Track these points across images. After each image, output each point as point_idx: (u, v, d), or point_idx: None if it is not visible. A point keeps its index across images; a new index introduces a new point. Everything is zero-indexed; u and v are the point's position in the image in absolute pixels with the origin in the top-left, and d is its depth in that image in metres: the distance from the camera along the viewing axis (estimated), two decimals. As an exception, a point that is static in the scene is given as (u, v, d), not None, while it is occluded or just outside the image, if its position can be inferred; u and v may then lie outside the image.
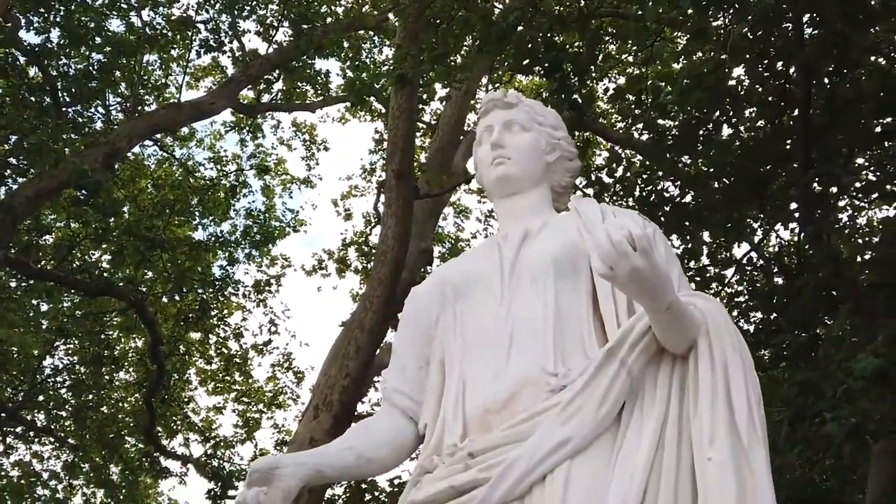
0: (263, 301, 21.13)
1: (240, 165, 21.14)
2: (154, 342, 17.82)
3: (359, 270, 20.61)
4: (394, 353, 3.60)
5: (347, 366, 11.67)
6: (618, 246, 2.63)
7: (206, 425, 22.01)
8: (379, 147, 20.88)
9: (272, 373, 21.87)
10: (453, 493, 2.94)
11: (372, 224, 20.24)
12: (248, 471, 3.00)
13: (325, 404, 11.48)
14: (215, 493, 20.35)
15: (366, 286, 18.85)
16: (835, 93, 10.16)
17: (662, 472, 2.76)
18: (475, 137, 4.02)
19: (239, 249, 20.37)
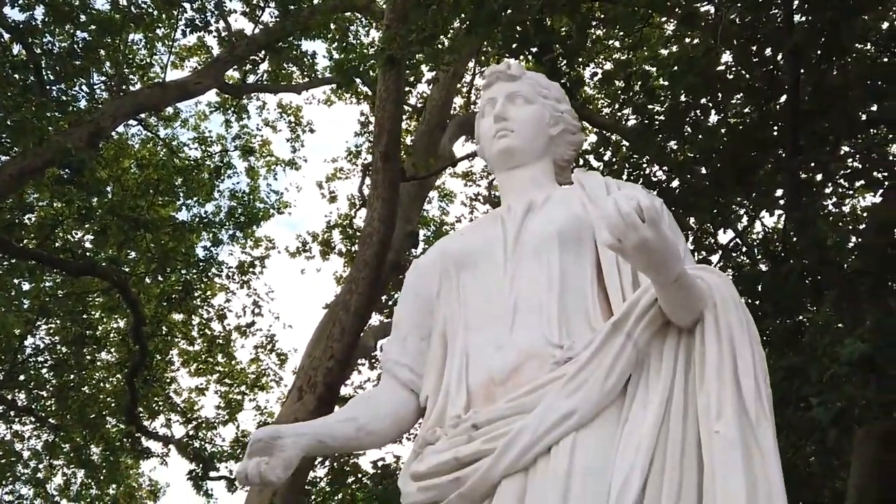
0: (247, 282, 21.07)
1: (224, 146, 21.04)
2: (137, 322, 17.75)
3: (343, 253, 20.55)
4: (394, 325, 3.61)
5: (332, 347, 11.64)
6: (626, 217, 2.63)
7: (188, 406, 21.93)
8: (364, 130, 20.81)
9: (255, 354, 21.88)
10: (457, 465, 2.95)
11: (357, 207, 20.18)
12: (249, 441, 3.00)
13: (310, 386, 11.46)
14: (197, 474, 20.39)
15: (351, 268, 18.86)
16: (823, 80, 10.17)
17: (668, 445, 2.77)
18: (463, 120, 4.00)
19: (223, 230, 20.28)
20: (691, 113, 10.60)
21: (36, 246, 17.39)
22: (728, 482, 2.63)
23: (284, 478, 2.98)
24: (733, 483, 2.62)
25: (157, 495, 23.89)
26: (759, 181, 10.85)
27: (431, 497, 3.02)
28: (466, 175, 20.91)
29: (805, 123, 9.91)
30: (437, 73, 15.22)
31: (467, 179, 20.94)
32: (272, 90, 20.81)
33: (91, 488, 22.37)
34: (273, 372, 21.91)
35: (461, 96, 19.03)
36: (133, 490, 23.44)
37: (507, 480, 2.86)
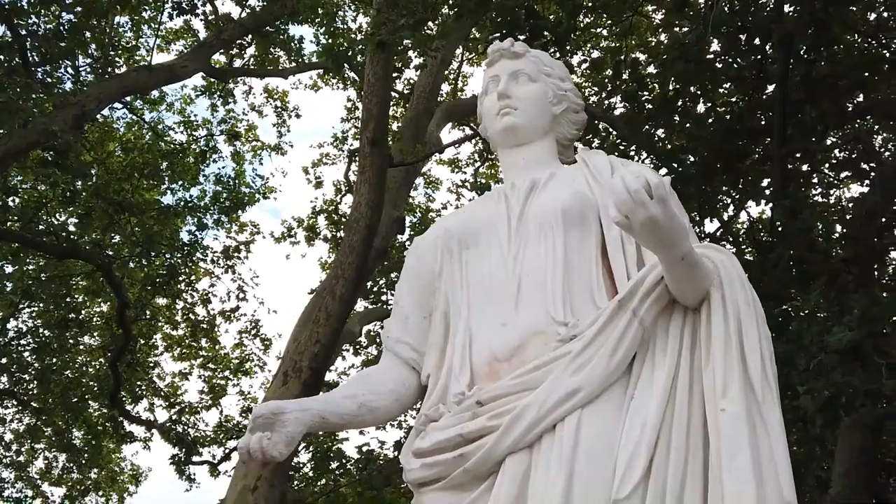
0: (232, 267, 20.96)
1: (210, 130, 20.90)
2: (120, 306, 17.67)
3: (328, 239, 20.54)
4: (396, 304, 3.60)
5: (318, 332, 11.63)
6: (634, 194, 2.63)
7: (171, 391, 21.91)
8: (351, 115, 20.81)
9: (239, 339, 21.81)
10: (461, 442, 2.96)
11: (342, 192, 20.17)
12: (251, 416, 3.00)
13: (295, 371, 11.46)
14: (179, 458, 20.36)
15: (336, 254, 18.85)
16: (811, 69, 10.20)
17: (674, 423, 2.78)
18: (450, 106, 3.99)
19: (208, 215, 20.17)
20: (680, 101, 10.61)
21: (20, 228, 17.29)
22: (734, 459, 2.64)
23: (287, 453, 2.97)
24: (740, 460, 2.64)
25: (139, 480, 23.84)
26: (746, 170, 10.88)
27: (435, 473, 3.02)
28: (452, 162, 20.92)
29: (794, 113, 9.95)
30: (426, 59, 15.17)
31: (453, 166, 20.93)
32: (259, 74, 20.69)
33: (73, 472, 22.34)
34: (257, 357, 21.90)
35: (448, 83, 19.02)
36: (115, 474, 23.39)
37: (512, 457, 2.86)
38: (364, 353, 19.45)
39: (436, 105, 16.89)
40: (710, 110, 11.01)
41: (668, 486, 2.71)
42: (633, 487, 2.70)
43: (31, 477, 22.22)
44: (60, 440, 21.02)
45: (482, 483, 2.91)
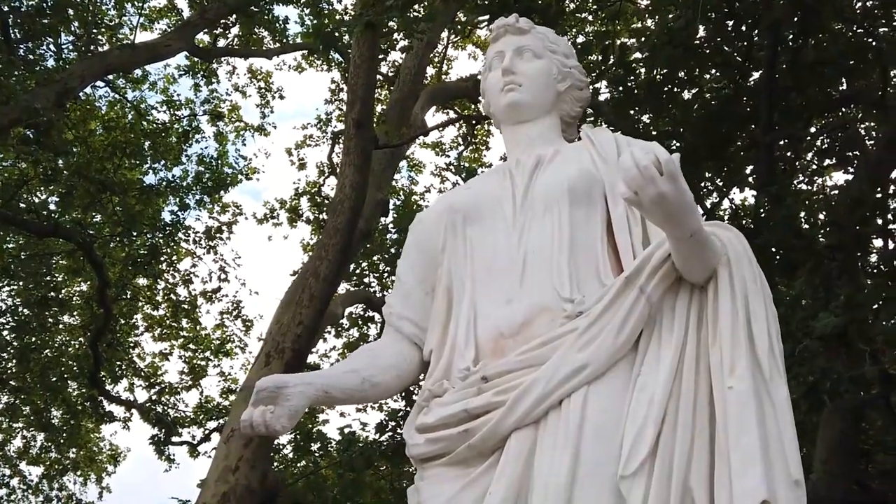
0: (214, 248, 20.88)
1: (193, 110, 20.79)
2: (101, 286, 17.60)
3: (311, 221, 20.47)
4: (398, 279, 3.60)
5: (301, 314, 11.59)
6: (644, 171, 2.62)
7: (151, 371, 21.82)
8: (335, 97, 20.73)
9: (220, 320, 21.76)
10: (466, 417, 2.96)
11: (326, 175, 20.11)
12: (255, 389, 2.97)
13: (277, 352, 11.43)
14: (159, 438, 20.30)
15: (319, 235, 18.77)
16: (798, 56, 10.23)
17: (681, 400, 2.79)
18: (435, 89, 3.97)
19: (190, 195, 20.06)
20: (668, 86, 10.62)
21: (0, 206, 17.16)
22: (742, 437, 2.65)
23: (290, 427, 2.95)
24: (747, 437, 2.64)
25: (118, 460, 23.78)
26: (731, 156, 10.91)
27: (440, 448, 3.02)
28: (436, 145, 20.88)
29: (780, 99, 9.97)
30: (412, 41, 15.13)
31: (437, 149, 20.90)
32: (243, 55, 20.58)
33: (51, 451, 22.23)
34: (238, 338, 21.82)
35: (433, 66, 18.98)
36: (93, 454, 23.32)
37: (518, 433, 2.86)
38: (346, 335, 19.45)
39: (421, 88, 16.86)
40: (697, 96, 11.03)
41: (675, 463, 2.72)
42: (639, 464, 2.71)
43: (8, 456, 22.12)
44: (39, 419, 20.90)
45: (487, 459, 2.91)
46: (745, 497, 2.59)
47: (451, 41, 19.95)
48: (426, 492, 3.02)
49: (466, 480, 2.91)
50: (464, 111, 19.34)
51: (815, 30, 10.05)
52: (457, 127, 19.96)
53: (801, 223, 9.60)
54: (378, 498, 18.08)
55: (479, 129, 20.21)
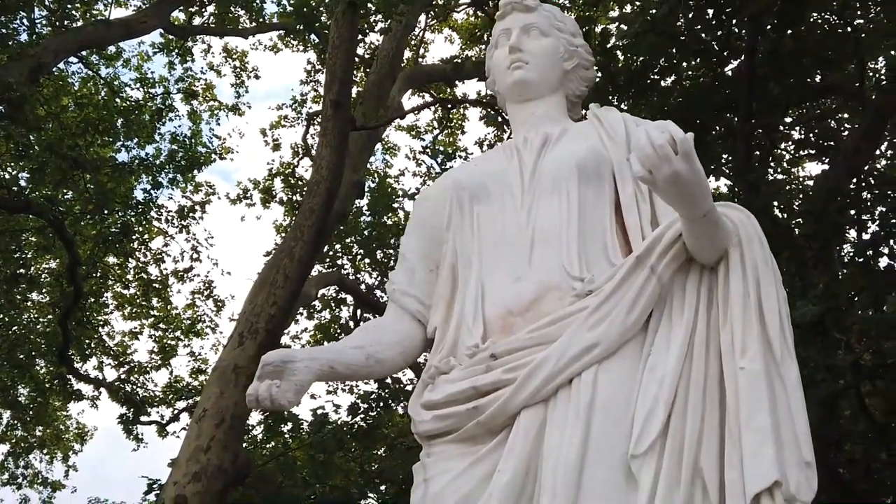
0: (186, 227, 20.77)
1: (167, 88, 20.65)
2: (72, 263, 17.44)
3: (284, 202, 20.37)
4: (401, 256, 3.58)
5: (275, 294, 11.55)
6: (659, 149, 2.61)
7: (120, 350, 21.70)
8: (310, 78, 20.62)
9: (191, 300, 21.65)
10: (475, 394, 2.95)
11: (300, 156, 20.02)
12: (261, 363, 2.95)
13: (251, 332, 11.39)
14: (127, 417, 20.24)
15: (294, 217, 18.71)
16: (778, 45, 10.26)
17: (691, 381, 2.79)
18: (412, 72, 3.95)
19: (163, 174, 19.94)
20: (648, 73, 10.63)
21: (-31, 182, 17.00)
22: (754, 418, 2.66)
23: (296, 402, 2.93)
24: (759, 418, 2.65)
25: (85, 438, 23.69)
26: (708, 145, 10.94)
27: (448, 425, 3.02)
28: (411, 128, 20.83)
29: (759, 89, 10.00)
30: (391, 22, 15.08)
31: (412, 132, 20.85)
32: (218, 33, 20.43)
33: (17, 429, 22.09)
34: (209, 318, 21.73)
35: (410, 49, 18.92)
36: (60, 432, 23.21)
37: (527, 411, 2.86)
38: (318, 316, 19.43)
39: (398, 70, 16.81)
40: (676, 84, 11.05)
41: (686, 443, 2.72)
42: (650, 444, 2.72)
43: (-25, 432, 21.98)
44: (6, 397, 20.74)
45: (495, 436, 2.91)
46: (757, 478, 2.60)
47: (429, 24, 19.88)
48: (433, 468, 3.02)
49: (475, 457, 2.91)
50: (440, 94, 19.30)
51: (795, 20, 10.09)
52: (432, 110, 19.92)
53: (777, 212, 9.66)
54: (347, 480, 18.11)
55: (455, 113, 20.18)
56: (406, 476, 19.13)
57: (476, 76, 14.33)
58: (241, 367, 10.96)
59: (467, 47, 18.77)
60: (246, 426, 15.54)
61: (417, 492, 3.07)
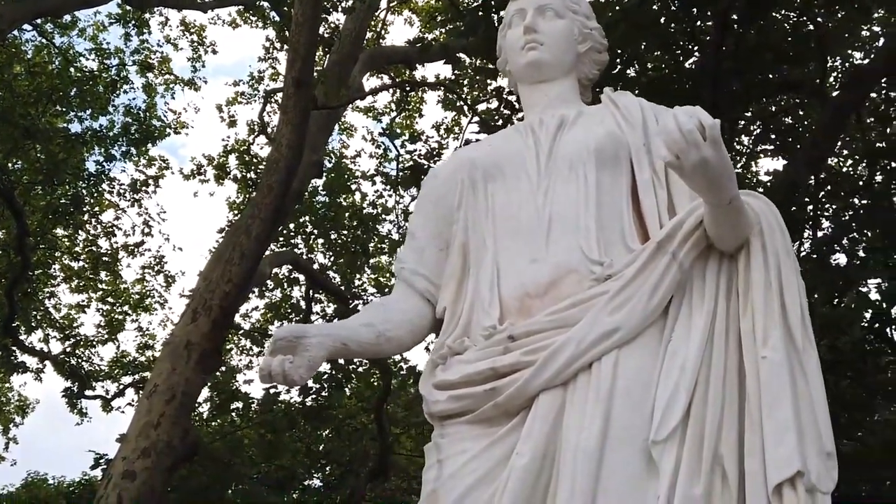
0: (138, 201, 20.57)
1: (122, 60, 20.39)
2: (20, 234, 17.20)
3: (238, 179, 20.21)
4: (409, 234, 3.55)
5: (230, 271, 11.45)
6: (688, 134, 2.60)
7: (67, 323, 21.46)
8: (269, 55, 20.46)
9: (141, 275, 21.45)
10: (492, 375, 2.93)
11: (256, 133, 19.86)
12: (273, 338, 2.91)
13: (205, 308, 11.28)
14: (72, 391, 20.05)
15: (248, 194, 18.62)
16: (742, 40, 10.33)
17: (712, 368, 2.79)
18: (373, 53, 3.90)
19: (116, 146, 19.70)
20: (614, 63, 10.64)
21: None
22: (776, 407, 2.67)
23: (307, 378, 2.90)
24: (781, 408, 2.67)
25: (26, 411, 23.46)
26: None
27: (463, 406, 2.99)
28: (368, 110, 20.76)
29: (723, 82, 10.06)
30: (355, 2, 15.00)
31: (369, 114, 20.80)
32: (176, 6, 20.11)
33: (-43, 400, 21.85)
34: (158, 293, 21.55)
35: (370, 30, 18.83)
36: (1, 405, 22.96)
37: (546, 394, 2.85)
38: (269, 295, 19.35)
39: (360, 51, 16.72)
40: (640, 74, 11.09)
41: (706, 431, 2.73)
42: (671, 430, 2.72)
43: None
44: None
45: (512, 419, 2.89)
46: (780, 467, 2.62)
47: (390, 6, 19.80)
48: (448, 449, 2.99)
49: (492, 439, 2.89)
50: (398, 77, 19.25)
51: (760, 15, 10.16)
52: (391, 92, 19.87)
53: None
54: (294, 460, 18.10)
55: (413, 97, 20.14)
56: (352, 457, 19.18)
57: (443, 58, 14.29)
58: (193, 344, 10.87)
59: (427, 30, 18.72)
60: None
61: (431, 472, 3.02)
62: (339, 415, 18.46)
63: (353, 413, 19.55)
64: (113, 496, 9.80)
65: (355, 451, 19.21)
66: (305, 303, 18.91)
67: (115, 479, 9.93)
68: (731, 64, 10.20)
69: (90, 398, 20.60)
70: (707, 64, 10.26)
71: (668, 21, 10.70)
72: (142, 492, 10.00)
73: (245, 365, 20.33)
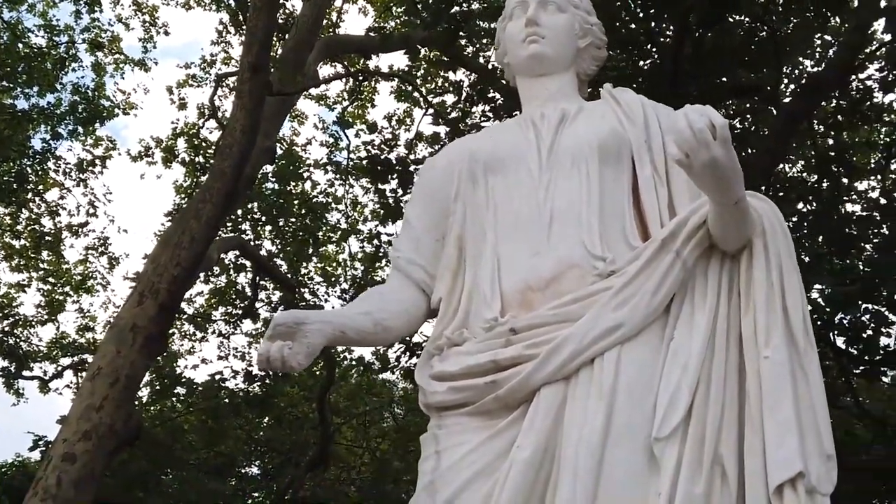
0: (84, 181, 20.28)
1: (72, 38, 20.05)
2: (-39, 211, 16.92)
3: (186, 162, 20.01)
4: (406, 223, 3.54)
5: (179, 255, 11.33)
6: (699, 133, 2.61)
7: (6, 302, 21.11)
8: (221, 39, 20.27)
9: (85, 256, 21.12)
10: (494, 368, 2.93)
11: (206, 117, 19.67)
12: (272, 323, 2.89)
13: (152, 292, 11.16)
14: (9, 371, 19.77)
15: (195, 178, 18.46)
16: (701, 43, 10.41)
17: (713, 368, 2.81)
18: (328, 41, 3.88)
19: (63, 124, 19.39)
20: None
21: None
22: (777, 408, 2.69)
23: (306, 364, 2.88)
24: (783, 408, 2.69)
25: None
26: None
27: (464, 398, 2.99)
28: (320, 98, 20.66)
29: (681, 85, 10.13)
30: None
31: (321, 102, 20.71)
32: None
33: None
34: (101, 275, 21.25)
35: (326, 18, 18.73)
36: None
37: (548, 388, 2.85)
38: (214, 280, 19.22)
39: (316, 38, 16.62)
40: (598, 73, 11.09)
41: (707, 431, 2.75)
42: (673, 428, 2.73)
43: None
44: None
45: (512, 411, 2.90)
46: (781, 468, 2.64)
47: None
48: (447, 440, 2.98)
49: (492, 431, 2.90)
50: (351, 66, 19.16)
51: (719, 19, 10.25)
52: (343, 81, 19.79)
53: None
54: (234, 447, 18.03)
55: (366, 86, 20.08)
56: (292, 446, 19.12)
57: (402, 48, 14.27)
58: (139, 327, 10.75)
59: (381, 20, 18.67)
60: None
61: (428, 463, 3.01)
62: (281, 403, 18.40)
63: (296, 402, 19.51)
64: (52, 478, 9.66)
65: (296, 440, 19.17)
66: (251, 289, 18.80)
67: (55, 462, 9.79)
68: (688, 67, 10.29)
69: (27, 379, 20.32)
70: (665, 65, 10.34)
71: (628, 21, 10.75)
72: (82, 474, 9.87)
73: (187, 350, 20.23)
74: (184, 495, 16.40)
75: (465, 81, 13.45)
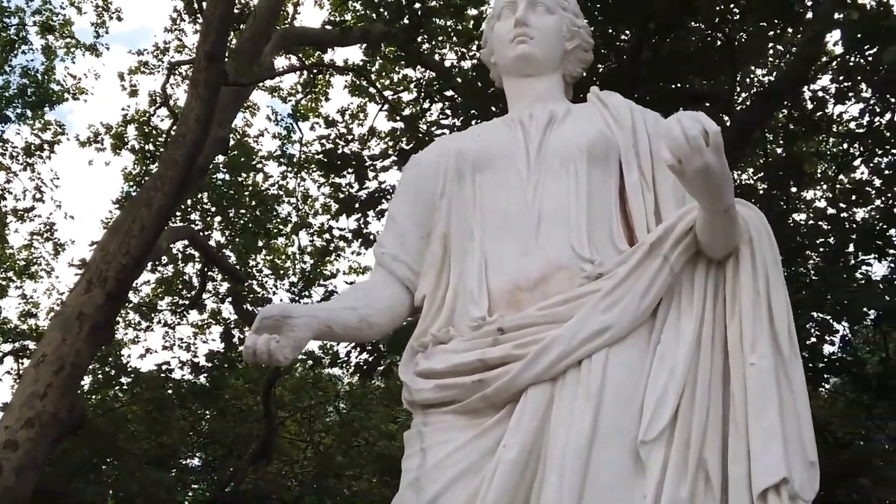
0: (31, 166, 20.00)
1: (22, 20, 19.77)
2: None
3: (136, 150, 19.81)
4: (390, 219, 3.53)
5: (129, 243, 11.21)
6: (692, 140, 2.63)
7: (-55, 286, 20.80)
8: (175, 27, 20.09)
9: (29, 241, 20.84)
10: (481, 367, 2.95)
11: (157, 105, 19.48)
12: (259, 316, 2.89)
13: (100, 280, 11.03)
14: (-51, 356, 19.47)
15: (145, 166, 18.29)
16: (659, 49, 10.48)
17: (699, 373, 2.84)
18: (285, 33, 3.87)
19: (10, 108, 19.11)
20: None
21: None
22: (763, 414, 2.72)
23: (292, 358, 2.89)
24: (768, 415, 2.72)
25: None
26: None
27: (450, 396, 3.00)
28: (274, 90, 20.54)
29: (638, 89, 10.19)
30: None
31: (274, 94, 20.59)
32: (83, -31, 19.68)
33: None
34: (46, 262, 20.98)
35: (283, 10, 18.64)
36: None
37: (535, 388, 2.87)
38: (161, 270, 19.07)
39: (273, 29, 16.53)
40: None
41: (693, 436, 2.77)
42: (659, 431, 2.76)
43: None
44: None
45: (499, 411, 2.91)
46: (765, 474, 2.67)
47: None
48: (432, 438, 2.99)
49: (478, 430, 2.91)
50: (306, 59, 19.07)
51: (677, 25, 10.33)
52: (298, 74, 19.70)
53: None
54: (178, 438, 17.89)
55: (320, 80, 20.00)
56: (235, 438, 19.02)
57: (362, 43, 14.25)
58: (86, 315, 10.61)
59: (337, 13, 18.60)
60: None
61: (413, 460, 3.01)
62: (226, 395, 18.29)
63: (241, 394, 19.41)
64: (-7, 465, 9.54)
65: (239, 433, 19.08)
66: (200, 280, 18.67)
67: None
68: (646, 71, 10.36)
69: (-37, 363, 20.00)
70: (624, 68, 10.40)
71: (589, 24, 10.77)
72: (24, 462, 9.75)
73: (131, 339, 20.05)
74: (125, 486, 16.25)
75: (423, 78, 13.46)
